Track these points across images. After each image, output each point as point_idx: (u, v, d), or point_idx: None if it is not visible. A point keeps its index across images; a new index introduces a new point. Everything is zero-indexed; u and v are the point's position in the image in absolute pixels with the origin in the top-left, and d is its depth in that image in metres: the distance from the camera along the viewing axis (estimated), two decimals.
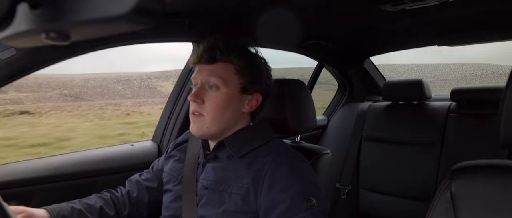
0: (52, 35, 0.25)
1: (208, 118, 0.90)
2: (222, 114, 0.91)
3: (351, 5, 1.31)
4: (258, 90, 0.95)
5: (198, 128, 0.92)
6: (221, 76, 0.90)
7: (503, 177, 0.65)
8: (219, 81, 0.89)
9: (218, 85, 0.90)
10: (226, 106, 0.91)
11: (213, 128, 0.91)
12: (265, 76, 0.97)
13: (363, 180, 2.01)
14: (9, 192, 1.01)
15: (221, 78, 0.90)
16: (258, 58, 0.97)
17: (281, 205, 0.81)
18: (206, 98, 0.90)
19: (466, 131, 1.74)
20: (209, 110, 0.90)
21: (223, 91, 0.90)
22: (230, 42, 0.93)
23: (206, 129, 0.91)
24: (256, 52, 0.98)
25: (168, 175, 1.05)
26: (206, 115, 0.90)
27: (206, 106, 0.90)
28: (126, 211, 1.05)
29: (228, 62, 0.91)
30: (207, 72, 0.91)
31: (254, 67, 0.95)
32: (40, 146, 2.62)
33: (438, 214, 0.68)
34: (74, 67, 3.75)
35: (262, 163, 0.87)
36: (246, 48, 0.97)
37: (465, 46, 1.87)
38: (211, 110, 0.90)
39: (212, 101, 0.90)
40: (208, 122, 0.90)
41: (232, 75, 0.91)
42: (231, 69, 0.91)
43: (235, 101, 0.92)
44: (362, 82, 2.37)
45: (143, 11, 0.23)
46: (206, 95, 0.91)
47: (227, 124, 0.93)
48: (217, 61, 0.91)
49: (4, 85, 0.91)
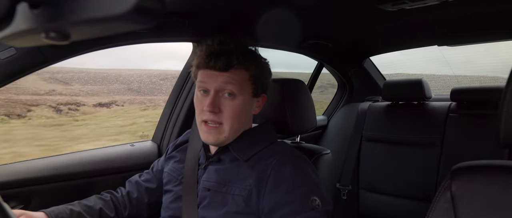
0: (52, 34, 0.25)
1: (226, 127, 0.88)
2: (239, 121, 0.89)
3: (351, 5, 1.31)
4: (264, 91, 0.96)
5: (215, 138, 0.88)
6: (238, 83, 0.87)
7: (503, 177, 0.65)
8: (236, 89, 0.86)
9: (235, 93, 0.87)
10: (242, 112, 0.89)
11: (230, 135, 0.90)
12: (269, 76, 0.98)
13: (363, 180, 2.01)
14: (9, 192, 1.01)
15: (239, 85, 0.87)
16: (264, 61, 0.96)
17: (285, 206, 0.81)
18: (223, 107, 0.87)
19: (466, 131, 1.74)
20: (227, 118, 0.87)
21: (240, 98, 0.87)
22: (243, 47, 0.90)
23: (224, 138, 0.89)
24: (259, 53, 0.97)
25: (168, 176, 1.05)
26: (224, 124, 0.87)
27: (224, 115, 0.87)
28: (126, 212, 1.05)
29: (243, 68, 0.87)
30: (223, 79, 0.86)
31: (264, 70, 0.94)
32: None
33: (438, 214, 0.68)
34: (105, 61, 3.87)
35: (265, 165, 0.87)
36: (255, 51, 0.95)
37: (478, 59, 1.87)
38: (229, 119, 0.87)
39: (230, 110, 0.87)
40: (226, 130, 0.88)
41: (246, 81, 0.89)
42: (246, 76, 0.88)
43: (249, 106, 0.92)
44: (362, 82, 2.37)
45: (143, 11, 0.23)
46: (222, 103, 0.87)
47: (243, 128, 0.93)
48: (232, 68, 0.86)
49: (4, 85, 0.91)
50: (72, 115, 3.32)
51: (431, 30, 1.74)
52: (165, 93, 3.74)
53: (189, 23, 1.16)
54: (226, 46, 0.87)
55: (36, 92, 3.20)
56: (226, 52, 0.86)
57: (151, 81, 3.70)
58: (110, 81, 3.61)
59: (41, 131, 3.05)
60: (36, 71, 0.94)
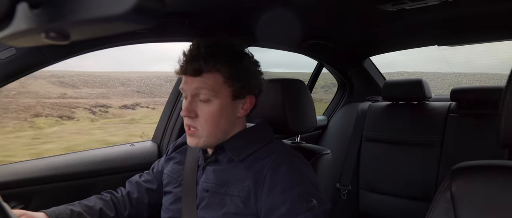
0: (51, 34, 0.25)
1: (203, 132, 0.88)
2: (217, 125, 0.88)
3: (351, 5, 1.31)
4: (250, 92, 0.92)
5: (195, 142, 0.89)
6: (211, 88, 0.85)
7: (503, 177, 0.65)
8: (209, 94, 0.85)
9: (209, 98, 0.86)
10: (220, 116, 0.88)
11: (210, 140, 0.90)
12: (255, 77, 0.93)
13: (363, 180, 2.01)
14: (10, 192, 1.01)
15: (212, 90, 0.85)
16: (245, 60, 0.91)
17: (281, 207, 0.81)
18: (199, 111, 0.87)
19: (466, 131, 1.73)
20: (204, 123, 0.87)
21: (215, 102, 0.86)
22: (213, 49, 0.86)
23: (203, 142, 0.89)
24: (243, 52, 0.93)
25: (168, 177, 1.05)
26: (200, 129, 0.87)
27: (200, 120, 0.87)
28: (127, 212, 1.05)
29: (215, 71, 0.85)
30: (196, 84, 0.86)
31: (243, 71, 0.89)
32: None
33: (438, 214, 0.68)
34: (110, 64, 3.90)
35: (262, 165, 0.87)
36: (232, 52, 0.90)
37: (478, 59, 1.87)
38: (206, 123, 0.87)
39: (206, 114, 0.87)
40: (204, 135, 0.88)
41: (221, 84, 0.86)
42: (219, 79, 0.86)
43: (228, 110, 0.89)
44: (362, 82, 2.37)
45: (143, 11, 0.23)
46: (199, 108, 0.87)
47: (224, 132, 0.91)
48: (203, 72, 0.85)
49: (4, 85, 0.91)
50: (105, 116, 3.35)
51: (431, 30, 1.73)
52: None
53: (189, 23, 1.16)
54: (197, 50, 0.86)
55: (49, 96, 3.22)
56: (197, 56, 0.85)
57: (159, 83, 3.71)
58: (115, 84, 3.62)
59: (112, 128, 3.14)
60: (36, 71, 0.94)
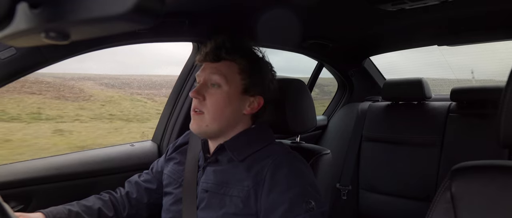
0: (51, 34, 0.25)
1: (208, 116, 0.90)
2: (222, 112, 0.90)
3: (351, 5, 1.31)
4: (260, 92, 0.95)
5: (198, 125, 0.91)
6: (224, 74, 0.90)
7: (503, 177, 0.65)
8: (221, 79, 0.90)
9: (220, 84, 0.90)
10: (226, 105, 0.90)
11: (212, 126, 0.91)
12: (269, 80, 0.97)
13: (363, 180, 2.01)
14: (9, 192, 1.01)
15: (224, 76, 0.90)
16: (263, 61, 0.98)
17: (280, 208, 0.81)
18: (208, 96, 0.91)
19: (466, 131, 1.73)
20: (209, 107, 0.90)
21: (225, 89, 0.90)
22: (236, 42, 0.93)
23: (205, 127, 0.91)
24: (262, 56, 0.99)
25: (168, 178, 1.04)
26: (206, 112, 0.90)
27: (206, 104, 0.90)
28: (126, 213, 1.05)
29: (232, 61, 0.91)
30: (211, 70, 0.91)
31: (258, 69, 0.95)
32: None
33: (438, 214, 0.68)
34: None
35: (261, 166, 0.87)
36: (252, 50, 0.97)
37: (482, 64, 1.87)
38: (211, 108, 0.90)
39: (213, 99, 0.90)
40: (208, 119, 0.90)
41: (235, 74, 0.91)
42: (234, 68, 0.91)
43: (236, 101, 0.92)
44: (362, 82, 2.37)
45: (143, 11, 0.23)
46: (208, 92, 0.91)
47: (227, 123, 0.93)
48: (221, 60, 0.91)
49: (4, 85, 0.91)
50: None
51: (431, 30, 1.73)
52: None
53: (189, 23, 1.16)
54: (221, 41, 0.93)
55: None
56: (220, 46, 0.91)
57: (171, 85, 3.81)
58: (156, 86, 3.68)
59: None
60: (36, 71, 0.94)
